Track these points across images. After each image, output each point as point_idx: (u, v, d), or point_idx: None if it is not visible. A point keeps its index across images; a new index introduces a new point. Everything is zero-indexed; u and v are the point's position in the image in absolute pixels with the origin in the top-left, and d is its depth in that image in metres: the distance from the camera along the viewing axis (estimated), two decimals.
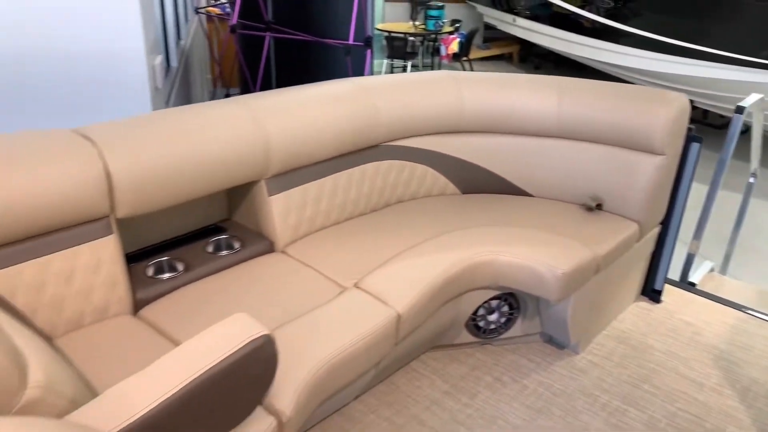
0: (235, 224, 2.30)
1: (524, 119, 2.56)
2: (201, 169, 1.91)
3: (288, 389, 1.50)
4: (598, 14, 6.59)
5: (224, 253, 2.10)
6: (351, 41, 3.89)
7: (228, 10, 6.66)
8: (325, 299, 1.92)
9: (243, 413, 1.35)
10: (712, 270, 3.22)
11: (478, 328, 2.35)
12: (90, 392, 1.30)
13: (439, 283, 1.99)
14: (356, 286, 1.97)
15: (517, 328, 2.41)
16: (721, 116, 6.85)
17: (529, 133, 2.59)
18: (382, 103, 2.39)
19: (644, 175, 2.42)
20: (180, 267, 1.99)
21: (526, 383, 2.27)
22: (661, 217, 2.59)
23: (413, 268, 2.01)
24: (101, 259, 1.73)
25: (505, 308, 2.35)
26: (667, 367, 2.37)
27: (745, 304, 2.82)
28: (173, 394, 1.15)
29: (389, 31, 7.71)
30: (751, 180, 3.28)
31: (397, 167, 2.51)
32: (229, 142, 1.97)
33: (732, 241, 3.42)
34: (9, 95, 2.50)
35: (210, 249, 2.12)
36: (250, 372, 1.30)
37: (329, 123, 2.22)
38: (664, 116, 2.34)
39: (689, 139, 2.49)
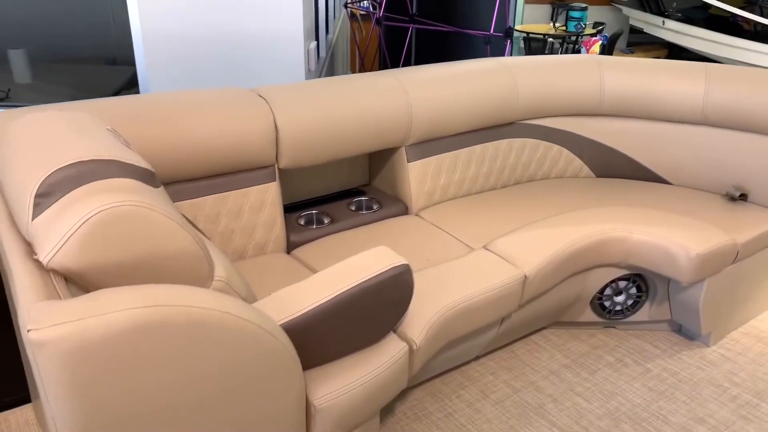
0: (374, 189, 2.50)
1: (667, 105, 2.52)
2: (352, 131, 2.12)
3: (420, 322, 1.65)
4: (762, 15, 6.13)
5: (364, 212, 2.30)
6: (491, 32, 3.99)
7: (369, 9, 7.01)
8: (456, 256, 2.05)
9: (380, 333, 1.52)
10: None
11: (603, 307, 2.36)
12: (254, 298, 1.53)
13: (567, 252, 2.05)
14: (485, 247, 2.09)
15: (643, 313, 2.39)
16: None
17: (672, 119, 2.55)
18: (522, 82, 2.48)
19: None
20: (326, 220, 2.22)
21: (649, 367, 2.25)
22: None
23: (543, 237, 2.09)
24: (265, 201, 1.99)
25: (633, 290, 2.34)
26: None
27: None
28: (329, 300, 1.34)
29: (528, 32, 7.67)
30: None
31: (532, 145, 2.59)
32: (379, 108, 2.16)
33: None
34: (191, 68, 2.90)
35: (353, 207, 2.33)
36: (390, 295, 1.46)
37: (469, 97, 2.35)
38: None
39: None
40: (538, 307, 2.17)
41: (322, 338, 1.38)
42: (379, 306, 1.45)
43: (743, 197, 2.43)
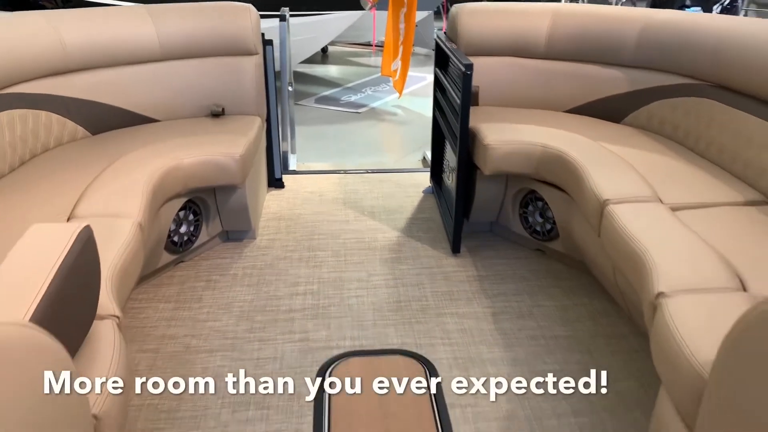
0: None
1: (130, 48, 2.62)
2: None
3: None
4: None
5: None
6: None
7: None
8: None
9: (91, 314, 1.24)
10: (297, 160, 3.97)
11: (174, 243, 2.43)
12: None
13: (152, 186, 2.02)
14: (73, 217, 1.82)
15: (203, 234, 2.59)
16: None
17: (140, 61, 2.67)
18: None
19: (249, 74, 2.85)
20: None
21: (234, 272, 2.51)
22: (265, 112, 3.08)
23: (124, 181, 1.99)
24: None
25: (191, 216, 2.49)
26: (321, 220, 2.97)
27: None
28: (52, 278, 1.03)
29: None
30: (290, 88, 4.10)
31: (21, 117, 2.25)
32: None
33: (293, 137, 4.22)
34: None
35: None
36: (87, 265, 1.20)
37: None
38: (249, 21, 2.79)
39: (264, 42, 3.02)
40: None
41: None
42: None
43: (223, 111, 2.84)
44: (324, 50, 8.57)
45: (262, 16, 2.95)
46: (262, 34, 3.01)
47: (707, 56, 2.31)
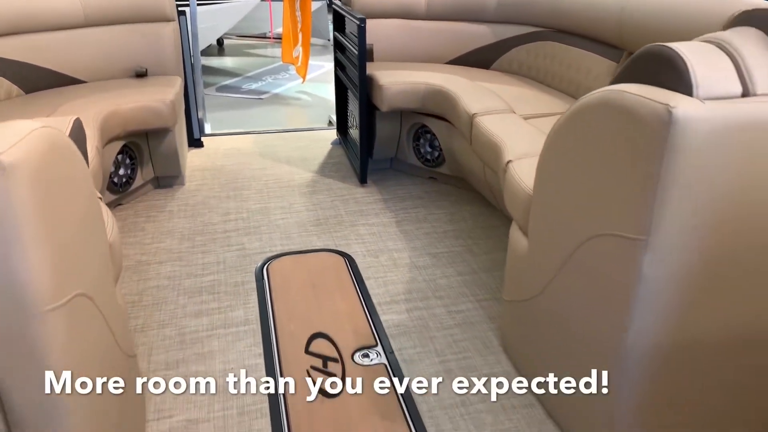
0: None
1: (56, 14, 2.88)
2: None
3: None
4: None
5: None
6: None
7: None
8: None
9: None
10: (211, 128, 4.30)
11: (115, 184, 2.74)
12: None
13: (99, 124, 2.34)
14: None
15: (138, 178, 2.90)
16: None
17: (67, 27, 2.93)
18: None
19: (168, 38, 3.18)
20: None
21: (170, 209, 2.86)
22: (183, 78, 3.42)
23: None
24: None
25: (128, 160, 2.80)
26: (241, 168, 3.35)
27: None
28: None
29: None
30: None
31: None
32: None
33: (202, 107, 4.55)
34: None
35: None
36: None
37: None
38: None
39: (178, 12, 3.35)
40: None
41: None
42: None
43: (146, 72, 3.16)
44: (220, 43, 8.56)
45: None
46: (177, 5, 3.35)
47: (548, 8, 2.93)
